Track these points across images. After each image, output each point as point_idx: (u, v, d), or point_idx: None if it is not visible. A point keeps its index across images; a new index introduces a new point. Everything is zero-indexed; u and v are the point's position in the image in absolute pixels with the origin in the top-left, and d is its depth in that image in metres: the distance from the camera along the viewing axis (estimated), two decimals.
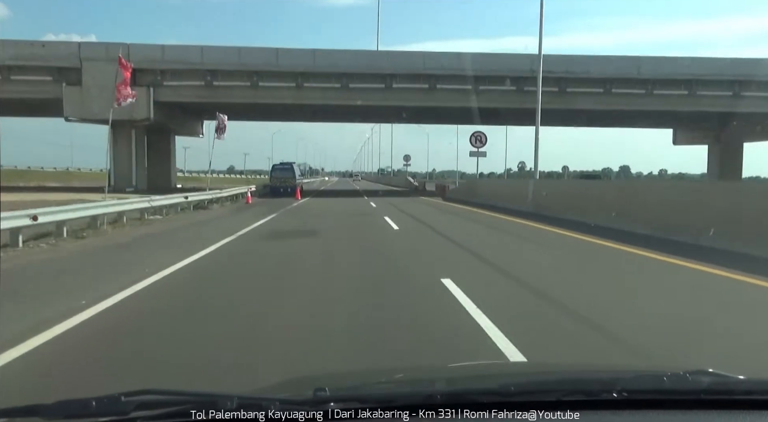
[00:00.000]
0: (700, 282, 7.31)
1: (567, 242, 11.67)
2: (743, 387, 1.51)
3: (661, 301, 6.10)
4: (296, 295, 6.25)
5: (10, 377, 3.64)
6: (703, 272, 7.76)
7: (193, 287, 6.74)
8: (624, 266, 8.78)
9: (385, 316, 5.25)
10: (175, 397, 1.35)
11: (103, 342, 4.44)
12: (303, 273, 7.74)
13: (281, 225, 15.64)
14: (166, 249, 10.16)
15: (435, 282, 6.80)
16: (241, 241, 11.37)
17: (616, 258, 9.51)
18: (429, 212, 22.49)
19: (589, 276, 7.92)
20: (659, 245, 10.20)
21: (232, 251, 10.01)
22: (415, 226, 16.25)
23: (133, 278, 6.77)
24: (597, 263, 9.23)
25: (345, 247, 10.84)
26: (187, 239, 11.94)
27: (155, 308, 5.61)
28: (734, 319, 5.36)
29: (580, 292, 6.54)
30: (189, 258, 8.68)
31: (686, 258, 8.71)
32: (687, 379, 1.49)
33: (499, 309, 5.42)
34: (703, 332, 4.89)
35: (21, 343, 4.16)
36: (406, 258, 9.54)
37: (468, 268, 8.28)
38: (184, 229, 14.25)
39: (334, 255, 9.60)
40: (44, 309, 5.25)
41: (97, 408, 1.27)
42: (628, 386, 1.47)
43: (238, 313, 5.33)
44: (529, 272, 7.90)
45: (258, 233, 13.04)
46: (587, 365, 3.13)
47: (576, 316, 5.30)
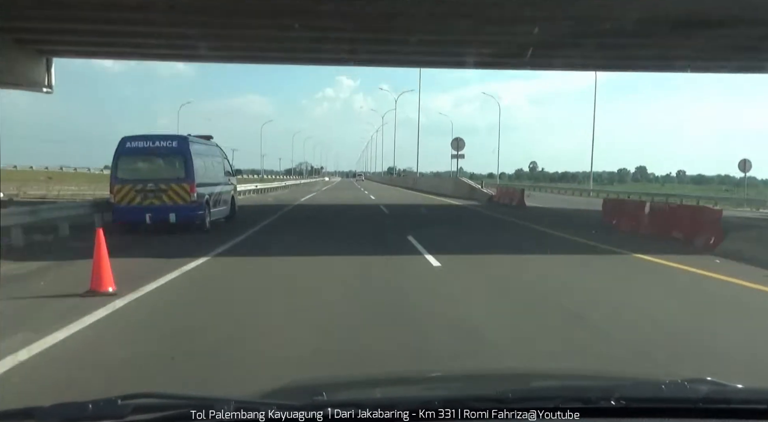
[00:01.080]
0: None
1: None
2: (741, 396, 1.52)
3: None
4: None
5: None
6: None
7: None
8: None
9: None
10: (172, 401, 1.35)
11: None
12: None
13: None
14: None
15: None
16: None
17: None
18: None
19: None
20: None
21: None
22: None
23: None
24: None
25: None
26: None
27: None
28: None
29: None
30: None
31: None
32: (685, 387, 1.50)
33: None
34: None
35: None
36: None
37: None
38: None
39: None
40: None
41: (94, 411, 1.28)
42: (627, 394, 1.47)
43: None
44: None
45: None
46: (586, 371, 3.12)
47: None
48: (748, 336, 5.20)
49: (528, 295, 7.04)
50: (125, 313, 5.53)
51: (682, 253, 10.15)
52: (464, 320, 5.53)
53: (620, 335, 5.15)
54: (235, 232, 12.68)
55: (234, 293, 6.76)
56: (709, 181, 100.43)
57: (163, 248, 10.14)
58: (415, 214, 21.99)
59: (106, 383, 3.63)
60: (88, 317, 5.18)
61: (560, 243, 12.26)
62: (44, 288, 6.59)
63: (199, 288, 7.08)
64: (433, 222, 17.55)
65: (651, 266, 9.27)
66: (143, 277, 6.96)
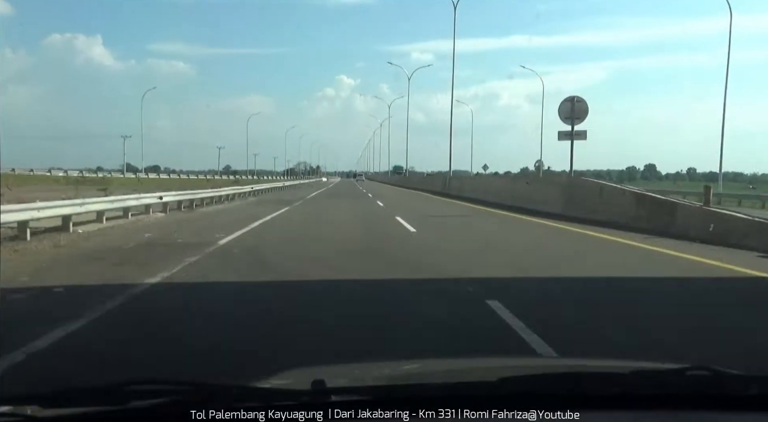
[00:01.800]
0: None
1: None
2: (742, 384, 1.48)
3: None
4: None
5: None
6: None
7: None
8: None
9: None
10: (172, 387, 1.34)
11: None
12: None
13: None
14: None
15: None
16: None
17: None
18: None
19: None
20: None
21: None
22: None
23: None
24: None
25: None
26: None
27: None
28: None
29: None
30: None
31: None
32: (686, 376, 1.49)
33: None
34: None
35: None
36: None
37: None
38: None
39: None
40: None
41: (94, 396, 1.29)
42: (628, 382, 1.45)
43: None
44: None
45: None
46: (587, 360, 3.12)
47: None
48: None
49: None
50: None
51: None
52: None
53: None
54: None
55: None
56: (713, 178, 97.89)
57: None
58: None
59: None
60: None
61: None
62: None
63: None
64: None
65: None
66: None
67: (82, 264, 7.63)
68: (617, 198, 14.97)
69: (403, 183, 58.66)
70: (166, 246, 9.54)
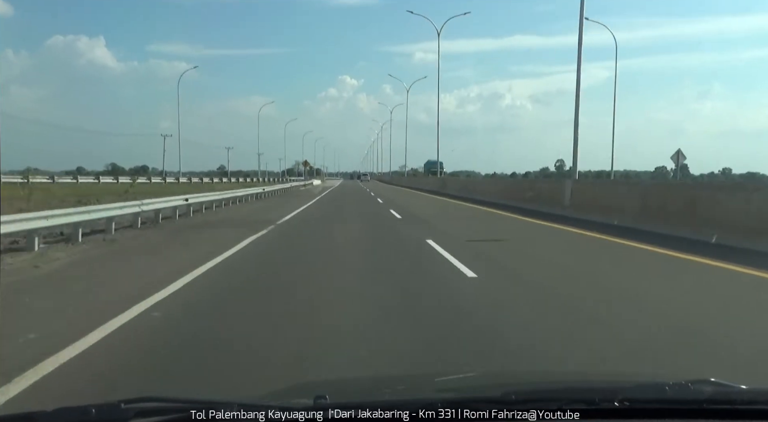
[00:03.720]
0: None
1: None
2: (746, 397, 1.46)
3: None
4: None
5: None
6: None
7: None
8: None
9: None
10: (174, 404, 1.36)
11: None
12: None
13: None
14: None
15: None
16: None
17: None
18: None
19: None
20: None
21: None
22: None
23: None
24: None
25: None
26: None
27: None
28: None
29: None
30: None
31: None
32: (689, 389, 1.47)
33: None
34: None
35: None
36: None
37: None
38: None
39: None
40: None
41: (97, 415, 1.28)
42: (630, 395, 1.44)
43: None
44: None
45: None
46: (589, 373, 3.10)
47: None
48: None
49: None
50: None
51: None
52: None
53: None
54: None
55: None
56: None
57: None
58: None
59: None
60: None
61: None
62: None
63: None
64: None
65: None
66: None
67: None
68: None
69: (416, 184, 40.18)
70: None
